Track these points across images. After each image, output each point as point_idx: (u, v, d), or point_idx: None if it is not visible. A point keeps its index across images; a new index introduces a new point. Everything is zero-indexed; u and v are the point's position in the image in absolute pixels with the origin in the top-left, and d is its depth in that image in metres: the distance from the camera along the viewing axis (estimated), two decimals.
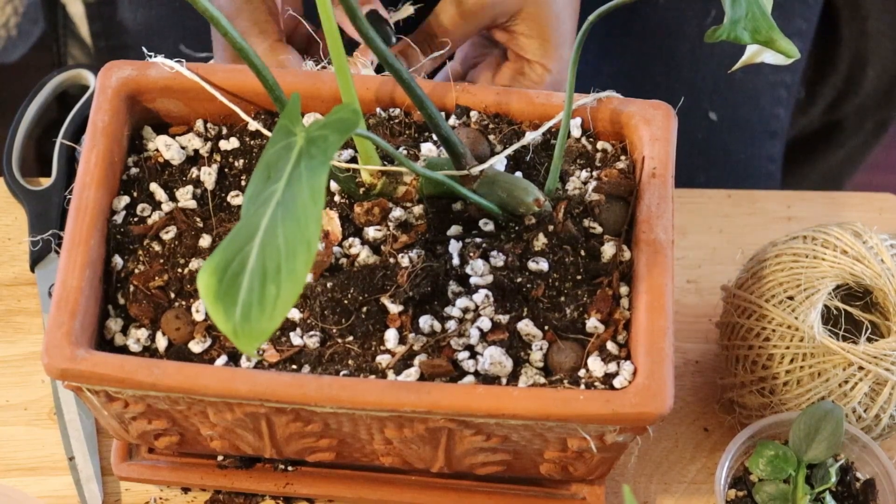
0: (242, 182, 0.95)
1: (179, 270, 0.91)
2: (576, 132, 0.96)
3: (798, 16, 1.28)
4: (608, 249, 0.92)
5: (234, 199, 0.94)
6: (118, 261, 0.91)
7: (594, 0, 0.90)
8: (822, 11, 1.31)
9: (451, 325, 0.89)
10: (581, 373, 0.88)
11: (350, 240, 0.91)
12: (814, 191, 1.18)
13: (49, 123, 1.16)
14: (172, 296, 0.91)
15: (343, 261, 0.91)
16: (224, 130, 0.97)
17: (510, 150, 0.94)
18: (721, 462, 0.96)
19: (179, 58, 0.95)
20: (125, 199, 0.93)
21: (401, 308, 0.89)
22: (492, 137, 0.95)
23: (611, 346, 0.89)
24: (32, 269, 1.09)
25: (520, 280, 0.90)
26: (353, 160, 0.94)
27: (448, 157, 0.91)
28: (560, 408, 0.85)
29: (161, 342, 0.89)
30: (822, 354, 0.97)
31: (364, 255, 0.91)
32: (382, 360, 0.88)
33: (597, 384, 0.87)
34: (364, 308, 0.89)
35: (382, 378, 0.87)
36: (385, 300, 0.89)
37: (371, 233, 0.91)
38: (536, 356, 0.89)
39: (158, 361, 0.86)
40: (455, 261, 0.90)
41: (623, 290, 0.90)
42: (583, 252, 0.91)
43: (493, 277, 0.90)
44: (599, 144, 0.97)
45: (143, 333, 0.89)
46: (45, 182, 1.11)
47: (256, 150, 0.96)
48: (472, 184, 0.92)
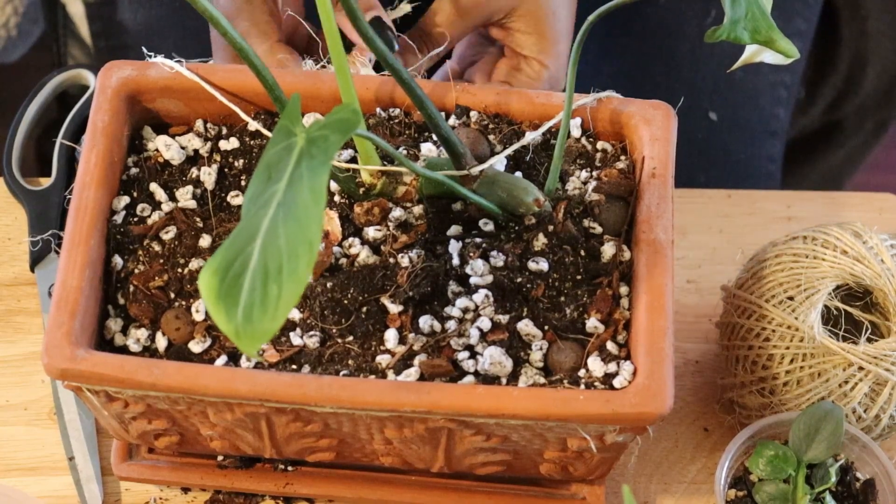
0: (242, 182, 0.95)
1: (179, 270, 0.91)
2: (576, 132, 0.96)
3: (798, 16, 1.27)
4: (608, 249, 0.92)
5: (234, 199, 0.94)
6: (118, 261, 0.91)
7: (594, 0, 0.90)
8: (822, 11, 1.31)
9: (451, 325, 0.89)
10: (581, 373, 0.88)
11: (350, 240, 0.91)
12: (814, 191, 1.18)
13: (49, 123, 1.16)
14: (172, 296, 0.90)
15: (343, 261, 0.91)
16: (224, 130, 0.97)
17: (510, 150, 0.94)
18: (721, 462, 0.96)
19: (181, 57, 0.95)
20: (125, 199, 0.93)
21: (401, 308, 0.89)
22: (492, 137, 0.95)
23: (611, 346, 0.89)
24: (32, 269, 1.09)
25: (520, 280, 0.90)
26: (353, 160, 0.94)
27: (448, 157, 0.91)
28: (560, 408, 0.85)
29: (161, 342, 0.89)
30: (822, 355, 0.97)
31: (364, 255, 0.90)
32: (382, 360, 0.88)
33: (597, 384, 0.87)
34: (364, 308, 0.89)
35: (382, 378, 0.87)
36: (385, 300, 0.89)
37: (371, 233, 0.91)
38: (536, 356, 0.89)
39: (158, 361, 0.86)
40: (455, 261, 0.90)
41: (623, 290, 0.90)
42: (583, 252, 0.91)
43: (493, 277, 0.90)
44: (599, 144, 0.97)
45: (143, 333, 0.89)
46: (45, 182, 1.11)
47: (256, 150, 0.95)
48: (472, 184, 0.91)
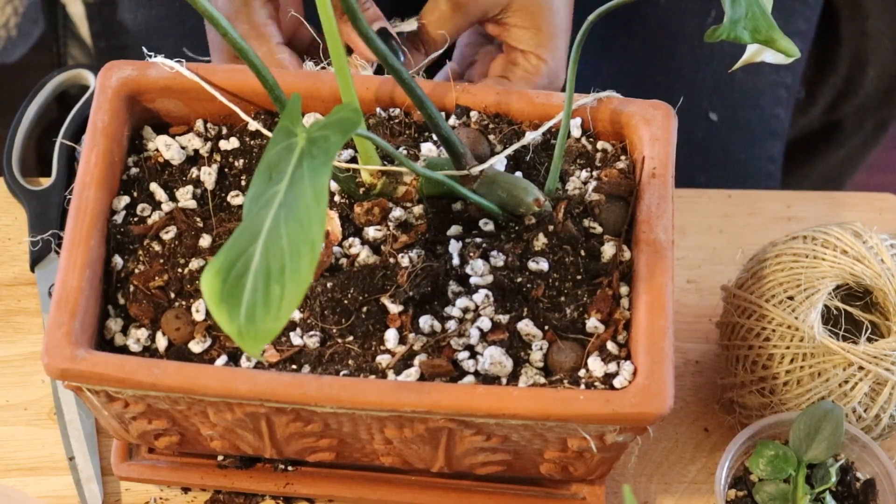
0: (242, 182, 0.95)
1: (179, 270, 0.91)
2: (576, 132, 0.96)
3: (798, 16, 1.27)
4: (608, 249, 0.92)
5: (235, 199, 0.94)
6: (118, 261, 0.91)
7: (594, 0, 0.90)
8: (822, 11, 1.31)
9: (451, 325, 0.89)
10: (581, 373, 0.88)
11: (350, 240, 0.91)
12: (814, 191, 1.18)
13: (49, 123, 1.16)
14: (172, 296, 0.90)
15: (343, 261, 0.91)
16: (224, 130, 0.97)
17: (510, 150, 0.94)
18: (721, 462, 0.96)
19: (181, 57, 0.95)
20: (125, 199, 0.93)
21: (401, 308, 0.89)
22: (492, 137, 0.95)
23: (611, 346, 0.89)
24: (32, 269, 1.09)
25: (520, 280, 0.90)
26: (354, 160, 0.94)
27: (448, 157, 0.91)
28: (560, 408, 0.85)
29: (161, 342, 0.89)
30: (822, 354, 0.97)
31: (364, 255, 0.90)
32: (382, 360, 0.88)
33: (597, 384, 0.87)
34: (364, 308, 0.89)
35: (382, 378, 0.87)
36: (385, 300, 0.89)
37: (371, 233, 0.91)
38: (536, 356, 0.89)
39: (158, 361, 0.86)
40: (455, 261, 0.90)
41: (623, 290, 0.90)
42: (583, 252, 0.91)
43: (493, 277, 0.90)
44: (599, 144, 0.97)
45: (143, 333, 0.89)
46: (45, 182, 1.11)
47: (256, 150, 0.95)
48: (472, 184, 0.91)
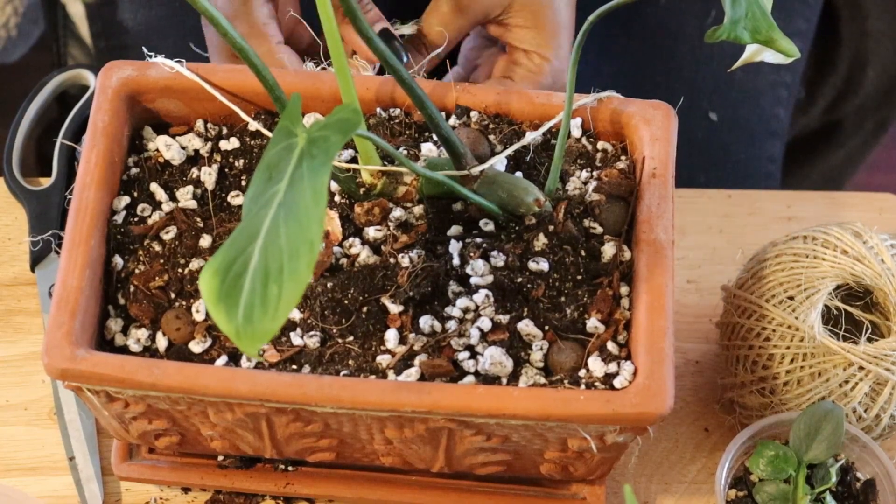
0: (243, 182, 0.95)
1: (180, 270, 0.91)
2: (576, 132, 0.96)
3: (798, 16, 1.27)
4: (608, 249, 0.92)
5: (235, 199, 0.94)
6: (118, 261, 0.91)
7: (594, 0, 0.90)
8: (822, 11, 1.31)
9: (452, 325, 0.89)
10: (581, 373, 0.88)
11: (350, 240, 0.91)
12: (814, 191, 1.18)
13: (49, 123, 1.16)
14: (173, 296, 0.90)
15: (343, 261, 0.91)
16: (224, 130, 0.97)
17: (510, 150, 0.94)
18: (721, 462, 0.96)
19: (181, 57, 0.95)
20: (125, 200, 0.93)
21: (401, 308, 0.89)
22: (492, 137, 0.95)
23: (611, 347, 0.89)
24: (32, 269, 1.09)
25: (520, 280, 0.90)
26: (354, 160, 0.94)
27: (448, 157, 0.91)
28: (560, 408, 0.85)
29: (161, 342, 0.89)
30: (823, 354, 0.97)
31: (364, 256, 0.90)
32: (383, 360, 0.88)
33: (597, 384, 0.87)
34: (364, 308, 0.89)
35: (383, 378, 0.87)
36: (385, 300, 0.89)
37: (371, 233, 0.91)
38: (537, 356, 0.89)
39: (158, 361, 0.86)
40: (455, 261, 0.90)
41: (623, 291, 0.90)
42: (583, 252, 0.91)
43: (494, 277, 0.90)
44: (600, 144, 0.97)
45: (144, 333, 0.89)
46: (45, 182, 1.11)
47: (257, 150, 0.95)
48: (473, 184, 0.91)
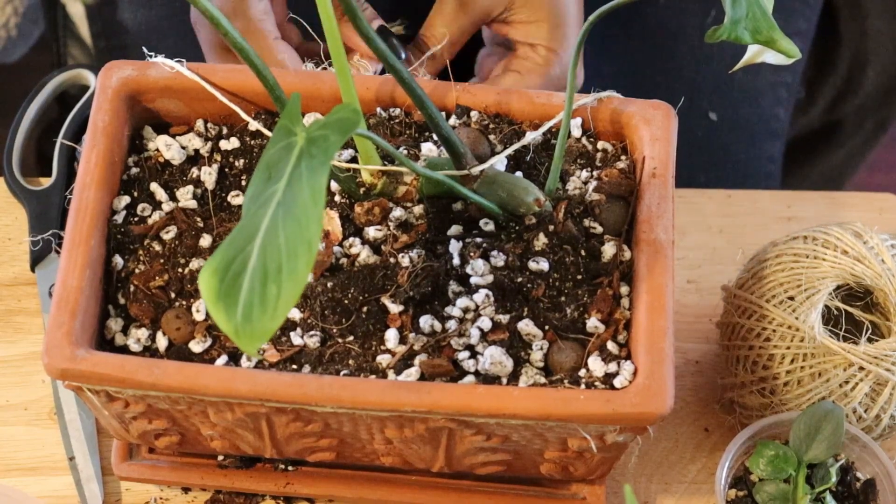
0: (243, 182, 0.95)
1: (180, 270, 0.91)
2: (576, 132, 0.96)
3: (798, 16, 1.27)
4: (608, 249, 0.92)
5: (235, 199, 0.94)
6: (118, 261, 0.91)
7: (595, 0, 0.90)
8: (822, 11, 1.31)
9: (452, 325, 0.89)
10: (581, 373, 0.88)
11: (350, 240, 0.91)
12: (814, 191, 1.18)
13: (49, 123, 1.16)
14: (173, 296, 0.90)
15: (343, 261, 0.91)
16: (224, 130, 0.97)
17: (510, 150, 0.94)
18: (721, 462, 0.96)
19: (181, 57, 0.95)
20: (125, 199, 0.93)
21: (401, 308, 0.89)
22: (492, 137, 0.95)
23: (611, 346, 0.89)
24: (32, 269, 1.09)
25: (520, 280, 0.90)
26: (354, 160, 0.94)
27: (448, 157, 0.91)
28: (560, 408, 0.85)
29: (161, 342, 0.89)
30: (823, 355, 0.97)
31: (364, 255, 0.90)
32: (383, 360, 0.88)
33: (597, 384, 0.87)
34: (364, 308, 0.89)
35: (383, 378, 0.87)
36: (385, 300, 0.89)
37: (371, 233, 0.91)
38: (537, 356, 0.89)
39: (159, 361, 0.86)
40: (455, 261, 0.90)
41: (623, 290, 0.90)
42: (583, 252, 0.91)
43: (494, 277, 0.90)
44: (600, 144, 0.97)
45: (144, 333, 0.89)
46: (45, 182, 1.11)
47: (257, 150, 0.95)
48: (473, 184, 0.91)
